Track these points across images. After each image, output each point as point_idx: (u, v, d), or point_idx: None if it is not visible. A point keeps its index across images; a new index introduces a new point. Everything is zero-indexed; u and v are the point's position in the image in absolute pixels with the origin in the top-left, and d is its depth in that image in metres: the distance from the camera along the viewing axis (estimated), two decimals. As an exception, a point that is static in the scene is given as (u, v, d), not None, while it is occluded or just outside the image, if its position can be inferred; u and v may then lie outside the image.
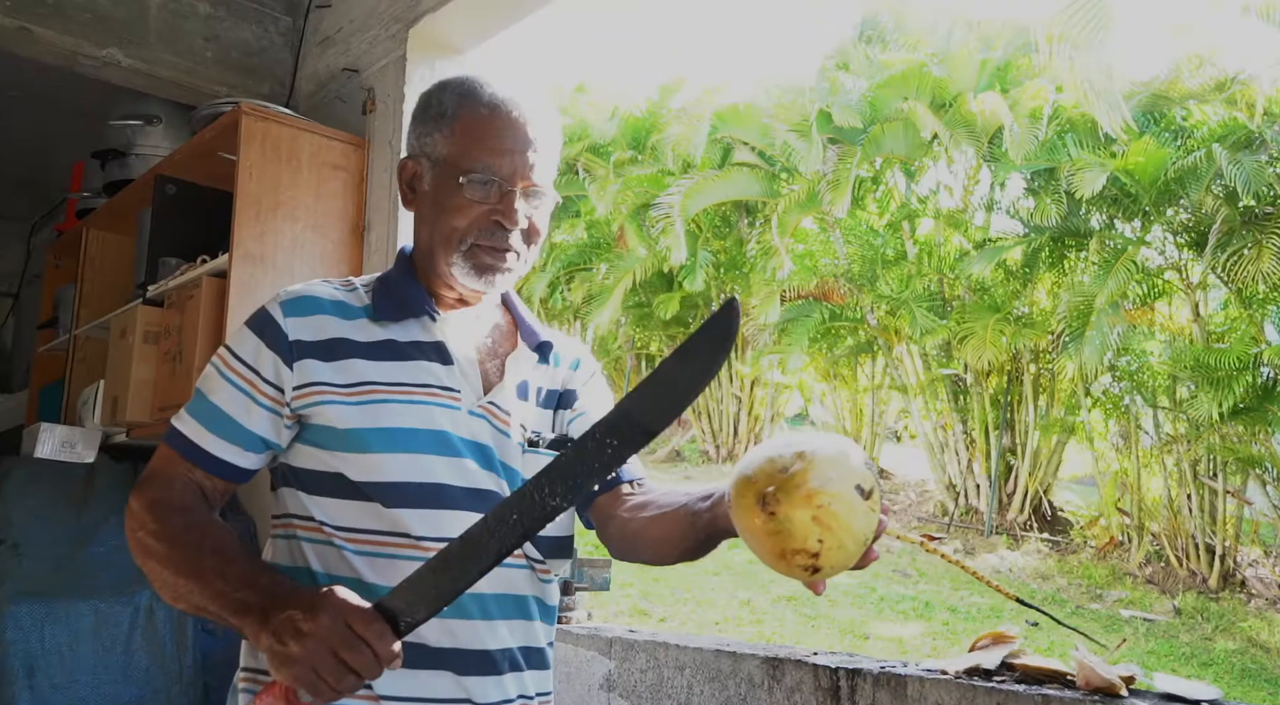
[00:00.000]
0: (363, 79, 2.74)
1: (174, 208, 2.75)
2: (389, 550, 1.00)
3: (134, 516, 1.00)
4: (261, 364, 1.04)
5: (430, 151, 1.08)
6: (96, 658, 2.26)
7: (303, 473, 1.04)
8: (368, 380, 1.04)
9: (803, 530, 0.78)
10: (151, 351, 2.56)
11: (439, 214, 1.07)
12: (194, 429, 1.03)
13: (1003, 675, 1.30)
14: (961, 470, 9.34)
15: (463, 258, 1.06)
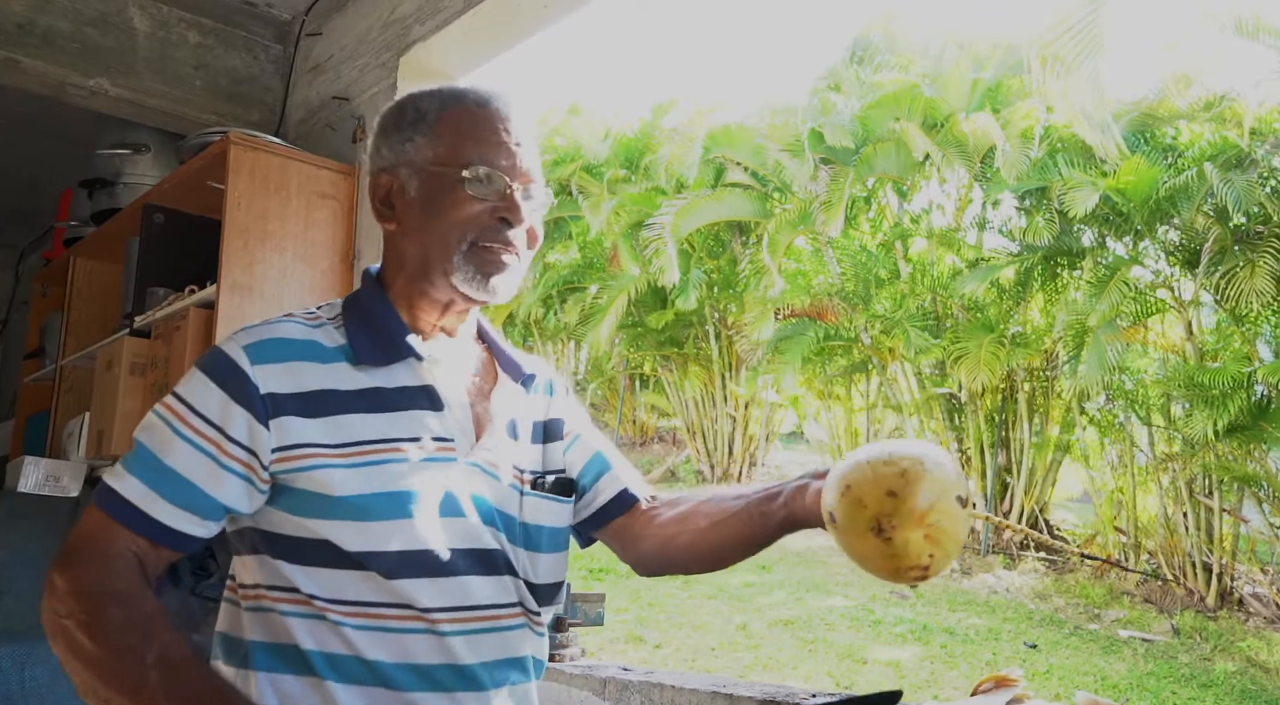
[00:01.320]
0: (353, 107, 2.72)
1: (162, 237, 2.72)
2: (394, 624, 0.92)
3: (59, 599, 0.85)
4: (228, 422, 0.91)
5: (412, 158, 1.00)
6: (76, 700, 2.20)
7: (280, 539, 0.94)
8: (363, 439, 0.94)
9: (917, 549, 0.83)
10: (138, 383, 2.53)
11: (432, 218, 0.98)
12: (141, 493, 0.90)
13: (1007, 722, 1.26)
14: (957, 489, 9.30)
15: (464, 259, 0.97)
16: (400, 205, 1.01)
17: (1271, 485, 7.30)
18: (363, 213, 2.60)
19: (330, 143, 2.76)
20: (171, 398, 0.95)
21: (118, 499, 0.90)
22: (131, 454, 0.93)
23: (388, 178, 1.02)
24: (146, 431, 0.93)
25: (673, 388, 12.20)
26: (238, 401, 0.93)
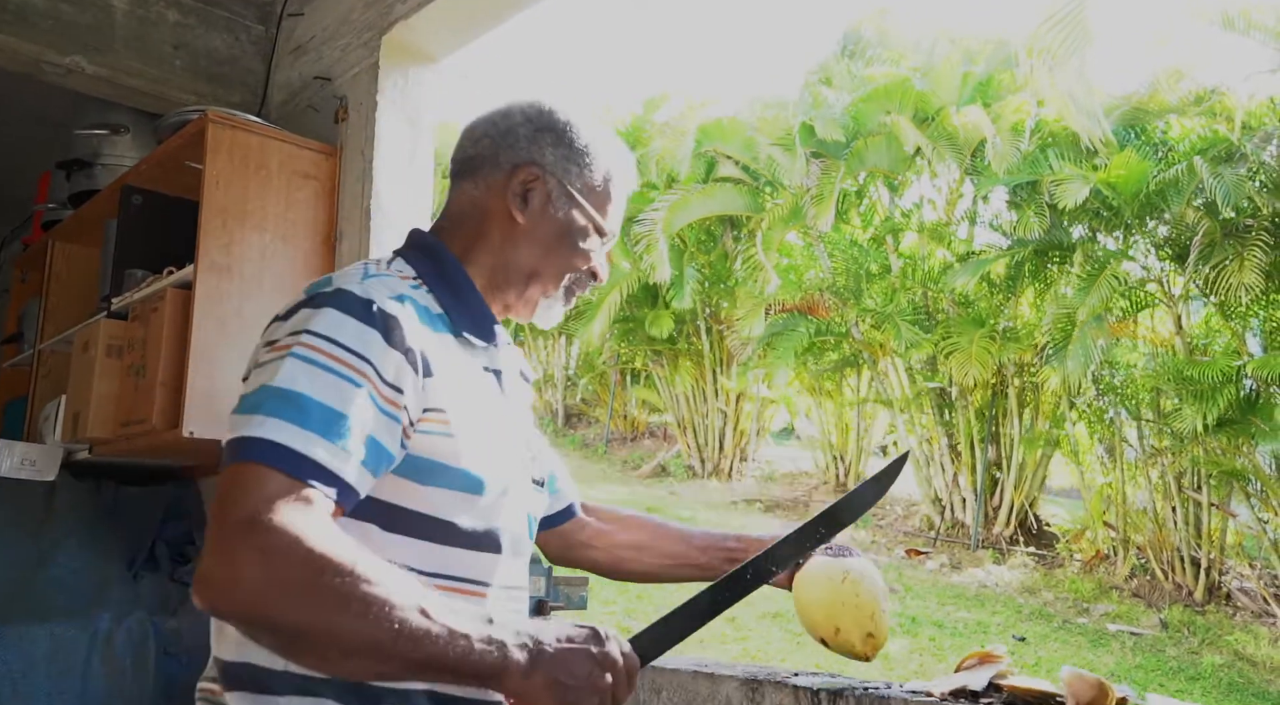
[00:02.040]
0: (335, 87, 2.68)
1: (140, 219, 2.67)
2: (461, 597, 0.93)
3: (290, 566, 0.74)
4: (384, 364, 0.86)
5: (567, 180, 1.05)
6: (51, 684, 2.17)
7: (386, 507, 0.89)
8: (482, 413, 0.97)
9: (860, 649, 1.19)
10: (114, 365, 2.48)
11: (559, 245, 1.05)
12: (303, 438, 0.79)
13: (990, 697, 1.24)
14: (947, 484, 9.31)
15: (558, 293, 1.08)
16: (537, 209, 1.04)
17: (1260, 480, 7.31)
18: (345, 194, 2.57)
19: (312, 124, 2.72)
20: (306, 336, 0.85)
21: (274, 448, 0.79)
22: (268, 397, 0.81)
23: (536, 174, 1.04)
24: (279, 372, 0.82)
25: (664, 383, 12.17)
26: (392, 346, 0.87)
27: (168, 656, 2.38)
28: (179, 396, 2.26)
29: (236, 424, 0.82)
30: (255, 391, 0.83)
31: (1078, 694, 1.13)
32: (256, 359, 0.90)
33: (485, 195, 1.05)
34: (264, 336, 0.93)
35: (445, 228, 1.08)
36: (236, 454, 0.80)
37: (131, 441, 2.40)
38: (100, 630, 2.28)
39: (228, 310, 2.34)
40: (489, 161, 1.06)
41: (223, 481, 0.80)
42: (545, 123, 1.06)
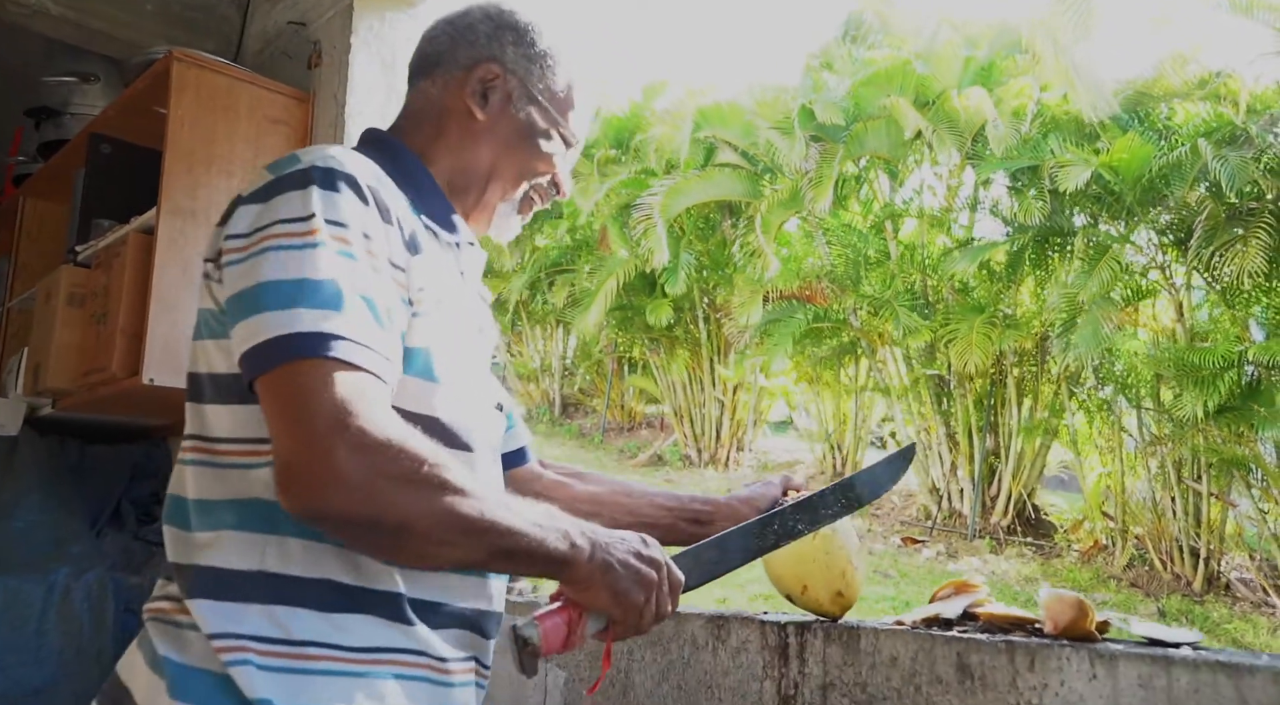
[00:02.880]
0: (309, 32, 2.61)
1: (109, 168, 2.61)
2: None
3: (392, 460, 0.74)
4: (393, 246, 0.84)
5: (530, 81, 1.02)
6: (5, 637, 2.10)
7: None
8: (449, 297, 0.92)
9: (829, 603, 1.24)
10: (76, 314, 2.41)
11: (519, 146, 1.02)
12: (353, 327, 0.77)
13: (964, 625, 1.16)
14: (945, 474, 9.23)
15: (516, 201, 1.05)
16: (496, 107, 1.01)
17: (1261, 469, 7.22)
18: (317, 140, 2.49)
19: (286, 71, 2.65)
20: (314, 221, 0.80)
21: (336, 340, 0.75)
22: (303, 290, 0.76)
23: (498, 72, 1.01)
24: (304, 263, 0.78)
25: (661, 372, 12.09)
26: (389, 224, 0.85)
27: (128, 613, 2.31)
28: (139, 343, 2.19)
29: (279, 321, 0.76)
30: (284, 284, 0.77)
31: (1056, 616, 1.05)
32: (245, 248, 0.82)
33: (443, 93, 1.02)
34: (239, 223, 0.84)
35: (403, 127, 1.04)
36: (296, 351, 0.75)
37: (93, 392, 2.33)
38: (57, 584, 2.21)
39: (191, 256, 2.27)
40: (447, 59, 1.03)
41: (285, 382, 0.75)
42: (506, 21, 1.04)
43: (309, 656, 0.81)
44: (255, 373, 0.77)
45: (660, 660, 1.46)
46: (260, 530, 0.83)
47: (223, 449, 0.85)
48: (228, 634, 0.80)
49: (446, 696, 0.89)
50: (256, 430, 0.83)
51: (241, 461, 0.84)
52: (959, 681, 1.10)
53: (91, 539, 2.42)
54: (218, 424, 0.86)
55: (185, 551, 0.85)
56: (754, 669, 1.33)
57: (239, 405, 0.84)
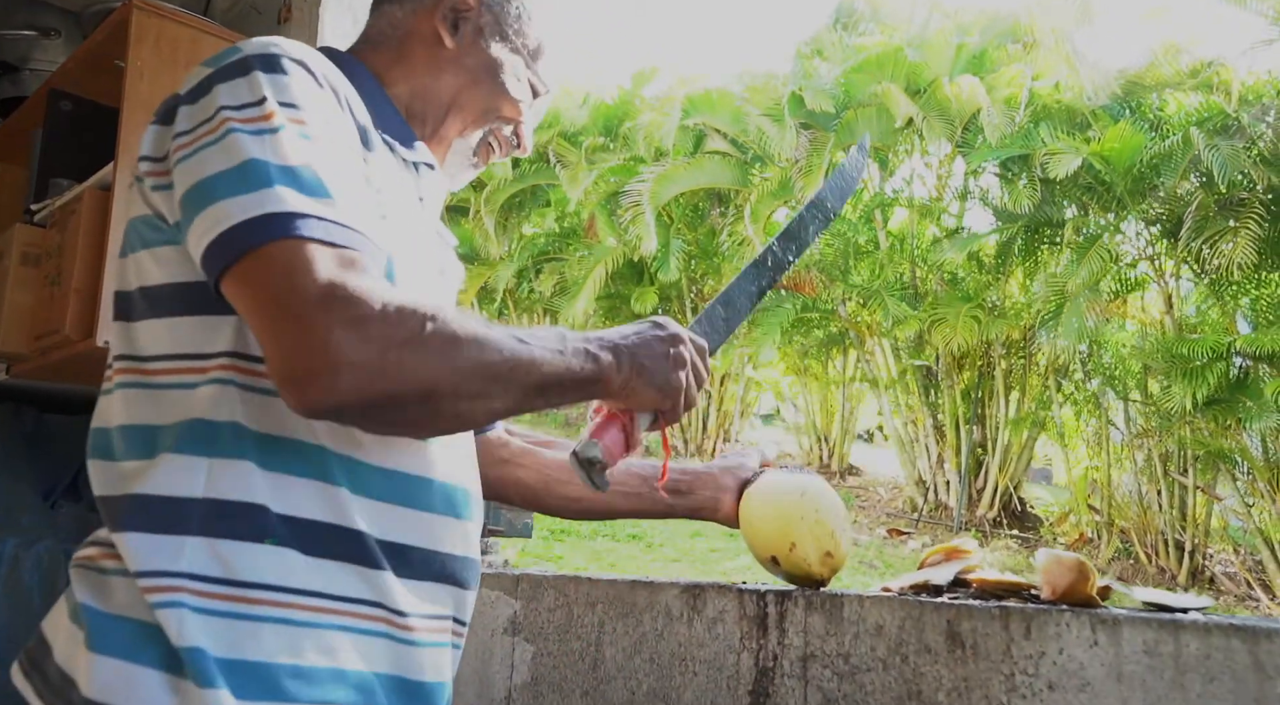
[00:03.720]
0: (279, -14, 2.51)
1: (68, 126, 2.50)
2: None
3: (393, 326, 0.65)
4: (351, 127, 0.78)
5: (500, 15, 0.96)
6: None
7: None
8: (407, 215, 0.84)
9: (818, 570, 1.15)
10: (30, 274, 2.30)
11: (486, 83, 0.95)
12: (324, 206, 0.69)
13: (955, 592, 1.08)
14: (931, 466, 9.20)
15: (473, 143, 0.97)
16: (467, 37, 0.94)
17: (1247, 462, 7.21)
18: (286, 99, 2.40)
19: (256, 27, 2.55)
20: (268, 104, 0.72)
21: (306, 221, 0.67)
22: (265, 171, 0.69)
23: (473, 2, 0.95)
24: (261, 146, 0.70)
25: (648, 361, 12.01)
26: (342, 108, 0.78)
27: (82, 588, 2.21)
28: (94, 304, 2.07)
29: (240, 206, 0.68)
30: (238, 168, 0.69)
31: (1054, 580, 0.97)
32: (190, 142, 0.73)
33: (410, 16, 0.95)
34: (183, 121, 0.75)
35: (360, 49, 0.95)
36: (265, 233, 0.67)
37: (47, 356, 2.22)
38: (5, 554, 2.11)
39: (151, 213, 2.17)
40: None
41: (261, 265, 0.66)
42: None
43: (251, 601, 0.72)
44: (221, 265, 0.68)
45: (633, 632, 1.38)
46: (202, 453, 0.73)
47: (157, 367, 0.76)
48: (159, 572, 0.71)
49: (410, 656, 0.80)
50: (197, 345, 0.75)
51: (180, 381, 0.75)
52: (949, 650, 1.02)
53: (44, 510, 2.32)
54: (151, 342, 0.77)
55: (113, 483, 0.77)
56: (731, 640, 1.25)
57: (175, 317, 0.76)
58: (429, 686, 0.82)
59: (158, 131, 0.78)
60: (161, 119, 0.79)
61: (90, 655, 0.71)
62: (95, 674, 0.70)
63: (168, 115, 0.78)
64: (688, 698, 1.30)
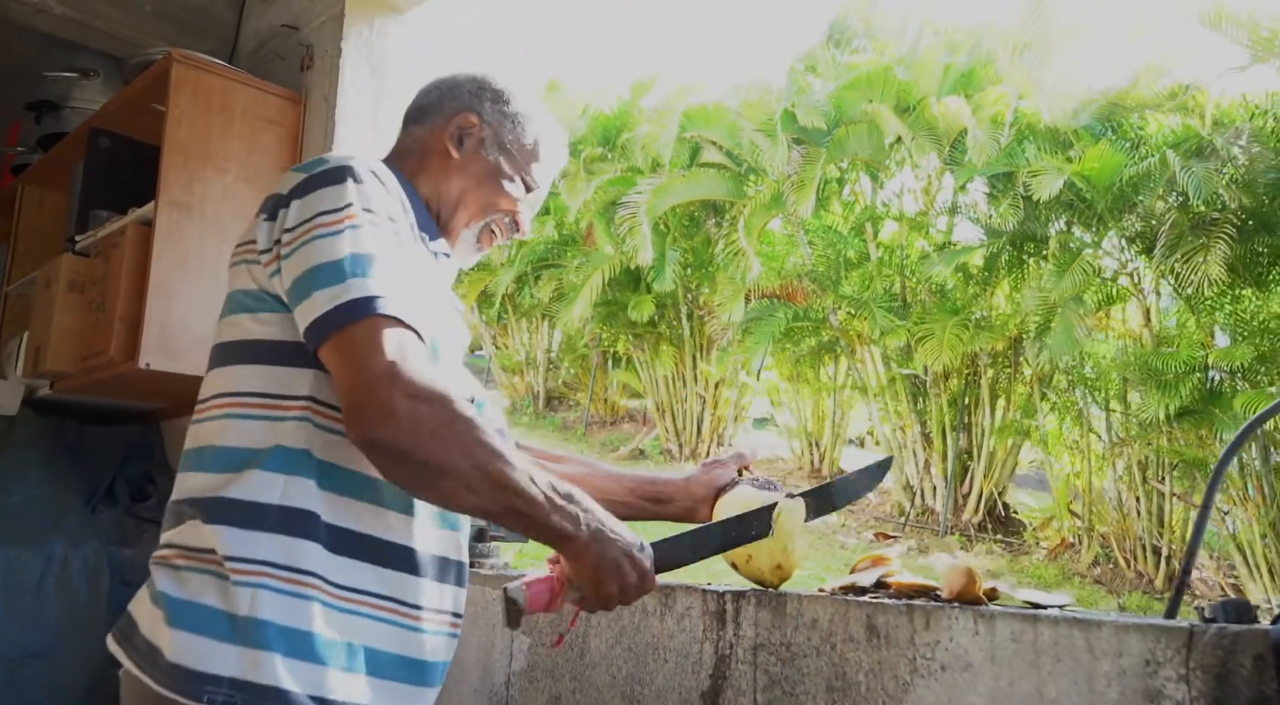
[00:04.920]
0: (302, 35, 2.73)
1: (107, 161, 2.72)
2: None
3: (430, 409, 0.90)
4: (399, 220, 1.03)
5: (501, 132, 1.21)
6: (5, 604, 2.22)
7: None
8: (435, 294, 1.10)
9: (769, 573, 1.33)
10: (76, 300, 2.53)
11: (486, 184, 1.20)
12: (395, 292, 0.95)
13: (876, 592, 1.32)
14: (919, 471, 9.42)
15: (478, 230, 1.21)
16: (470, 149, 1.20)
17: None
18: (309, 140, 2.62)
19: (279, 72, 2.77)
20: (351, 209, 0.97)
21: (382, 300, 0.92)
22: (356, 263, 0.94)
23: (474, 122, 1.21)
24: (352, 242, 0.95)
25: (644, 367, 12.24)
26: (403, 210, 1.05)
27: (123, 585, 2.44)
28: (137, 330, 2.31)
29: (336, 293, 0.93)
30: (336, 262, 0.94)
31: (951, 583, 1.20)
32: (297, 237, 0.98)
33: (428, 135, 1.22)
34: (289, 219, 1.00)
35: (393, 159, 1.22)
36: (352, 314, 0.92)
37: (91, 375, 2.46)
38: (55, 556, 2.34)
39: (187, 248, 2.40)
40: (435, 109, 1.22)
41: (351, 338, 0.92)
42: (487, 85, 1.24)
43: (303, 583, 0.96)
44: (320, 339, 0.94)
45: (614, 626, 1.61)
46: (281, 471, 0.98)
47: (254, 402, 1.01)
48: (245, 558, 0.95)
49: (415, 640, 1.04)
50: (283, 388, 1.00)
51: (269, 414, 1.00)
52: (867, 639, 1.26)
53: (87, 514, 2.55)
54: (250, 382, 1.02)
55: (209, 487, 1.01)
56: (695, 632, 1.48)
57: (270, 366, 1.01)
58: (429, 664, 1.07)
59: (266, 227, 1.02)
60: (269, 216, 1.03)
61: (169, 630, 0.95)
62: (174, 643, 0.94)
63: (272, 213, 1.03)
64: (660, 681, 1.53)
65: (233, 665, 0.93)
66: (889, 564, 1.36)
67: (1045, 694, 1.08)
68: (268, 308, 1.01)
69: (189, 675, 0.92)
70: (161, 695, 0.93)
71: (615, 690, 1.60)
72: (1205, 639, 0.99)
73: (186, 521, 1.01)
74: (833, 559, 7.82)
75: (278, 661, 0.93)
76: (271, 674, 0.92)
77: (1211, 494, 1.04)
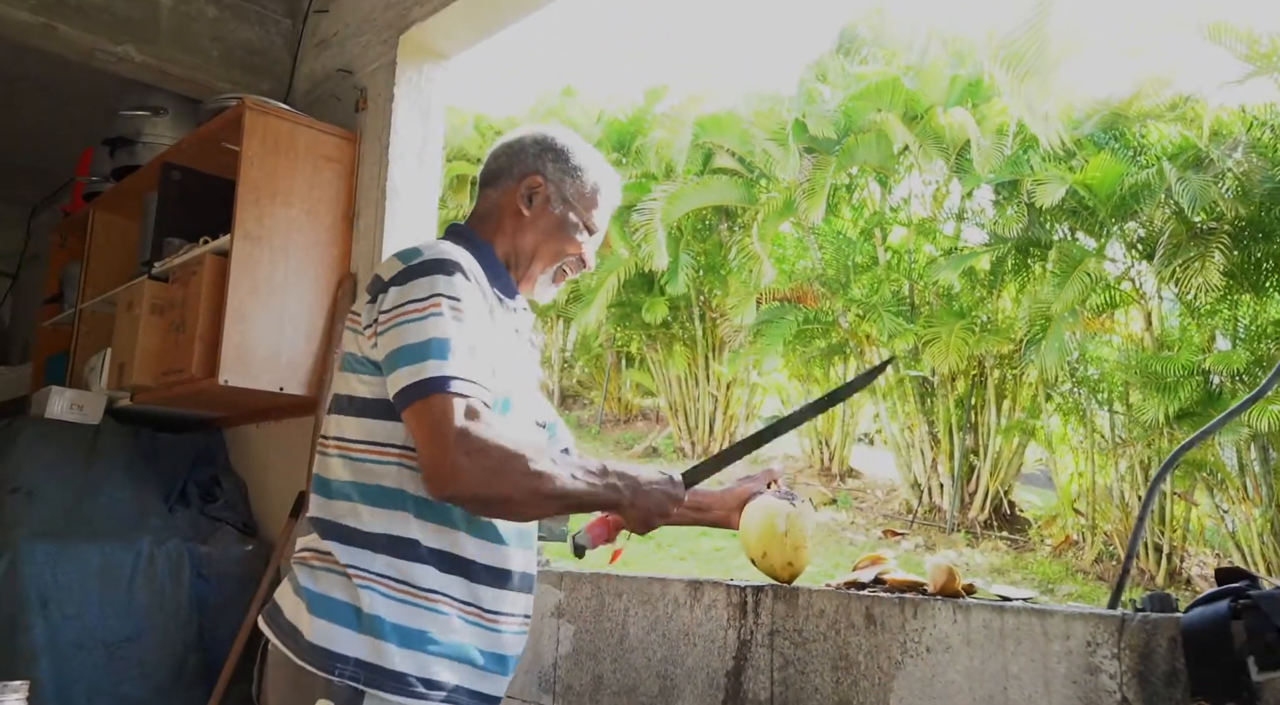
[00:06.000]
0: (356, 79, 2.99)
1: (179, 193, 2.98)
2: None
3: (490, 460, 1.13)
4: (478, 305, 1.24)
5: (563, 188, 1.42)
6: (102, 594, 2.50)
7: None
8: (509, 357, 1.33)
9: (781, 570, 1.59)
10: (156, 322, 2.80)
11: (554, 235, 1.41)
12: (466, 370, 1.16)
13: (874, 587, 1.57)
14: (926, 470, 9.65)
15: (551, 274, 1.43)
16: (538, 207, 1.41)
17: (1220, 472, 7.65)
18: (363, 176, 2.88)
19: (334, 111, 3.02)
20: (438, 297, 1.20)
21: (447, 380, 1.15)
22: (434, 346, 1.16)
23: (540, 182, 1.41)
24: (433, 327, 1.17)
25: (658, 367, 12.49)
26: (482, 295, 1.27)
27: (200, 578, 2.71)
28: (215, 350, 2.58)
29: (417, 370, 1.16)
30: (419, 344, 1.17)
31: (935, 579, 1.46)
32: (391, 319, 1.21)
33: (501, 197, 1.43)
34: (386, 302, 1.22)
35: (474, 222, 1.46)
36: (428, 389, 1.14)
37: (171, 390, 2.73)
38: (143, 551, 2.61)
39: (259, 275, 2.66)
40: (505, 173, 1.44)
41: (425, 410, 1.15)
42: (548, 145, 1.43)
43: (410, 592, 1.23)
44: (404, 406, 1.16)
45: (649, 615, 1.87)
46: (384, 506, 1.24)
47: (357, 448, 1.27)
48: (362, 569, 1.21)
49: (496, 638, 1.31)
50: (382, 438, 1.25)
51: (371, 458, 1.25)
52: (866, 626, 1.51)
53: (165, 514, 2.83)
54: (355, 431, 1.28)
55: (326, 511, 1.27)
56: (721, 621, 1.74)
57: (371, 420, 1.26)
58: (508, 657, 1.34)
59: (369, 307, 1.26)
60: (371, 298, 1.27)
61: (310, 616, 1.22)
62: (313, 627, 1.21)
63: (374, 296, 1.26)
64: (690, 662, 1.79)
65: (358, 649, 1.19)
66: (885, 563, 1.62)
67: (1009, 670, 1.34)
68: (369, 371, 1.24)
69: (324, 654, 1.18)
70: (302, 667, 1.20)
71: (651, 671, 1.86)
72: (1133, 625, 1.24)
73: (313, 533, 1.28)
74: (841, 556, 8.06)
75: (393, 650, 1.19)
76: (389, 659, 1.19)
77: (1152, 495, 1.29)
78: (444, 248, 1.27)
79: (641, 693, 1.86)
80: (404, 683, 1.19)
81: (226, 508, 2.98)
